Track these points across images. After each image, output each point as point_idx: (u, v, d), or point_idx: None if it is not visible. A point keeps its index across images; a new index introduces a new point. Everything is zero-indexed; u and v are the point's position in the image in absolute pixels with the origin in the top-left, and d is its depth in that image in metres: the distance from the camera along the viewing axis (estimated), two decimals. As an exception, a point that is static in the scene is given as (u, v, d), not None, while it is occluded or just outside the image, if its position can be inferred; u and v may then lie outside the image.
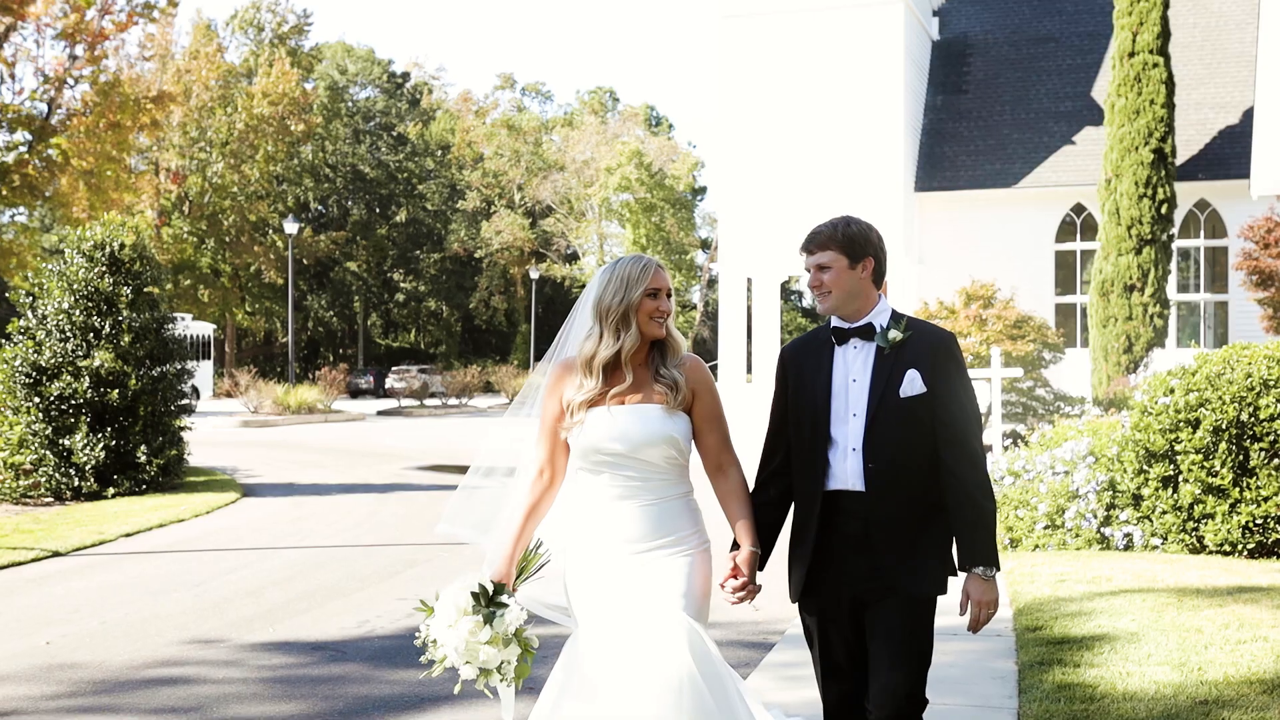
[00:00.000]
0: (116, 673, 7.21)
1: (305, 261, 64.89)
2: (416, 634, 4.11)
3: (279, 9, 68.02)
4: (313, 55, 69.60)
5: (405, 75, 78.39)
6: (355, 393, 56.63)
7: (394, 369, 58.12)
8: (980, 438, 4.09)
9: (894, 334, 4.05)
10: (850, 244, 4.09)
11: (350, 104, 73.89)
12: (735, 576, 4.06)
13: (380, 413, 43.16)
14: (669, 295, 4.15)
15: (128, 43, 64.80)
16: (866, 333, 4.10)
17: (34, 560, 11.46)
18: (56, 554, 11.80)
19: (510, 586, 4.18)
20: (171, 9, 46.18)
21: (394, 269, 73.65)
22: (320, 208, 71.97)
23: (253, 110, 60.27)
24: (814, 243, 4.14)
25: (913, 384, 4.00)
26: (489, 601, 4.09)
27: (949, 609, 4.32)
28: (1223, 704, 5.70)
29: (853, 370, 4.08)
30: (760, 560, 4.14)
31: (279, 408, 36.90)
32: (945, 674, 6.61)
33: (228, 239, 61.39)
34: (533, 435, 4.31)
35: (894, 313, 4.14)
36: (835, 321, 4.16)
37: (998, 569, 4.04)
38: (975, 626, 4.06)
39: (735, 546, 4.15)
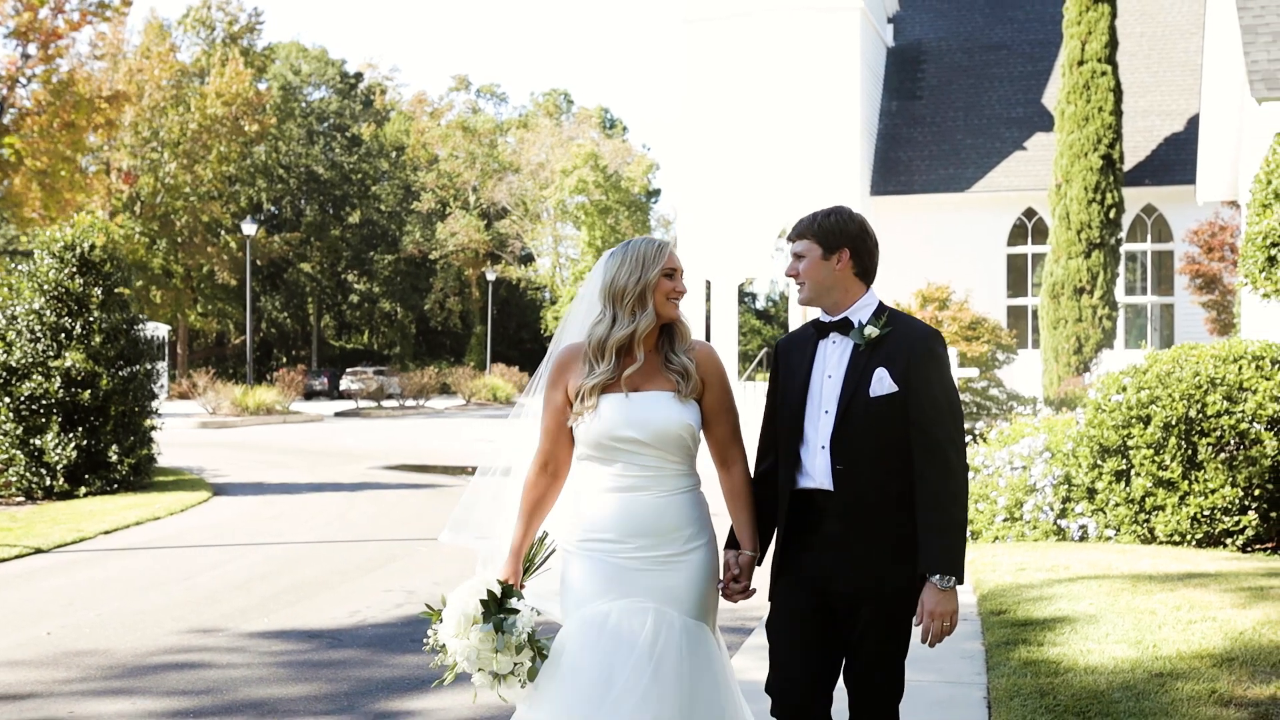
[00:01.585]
0: (124, 659, 7.48)
1: (259, 262, 64.68)
2: (425, 638, 4.05)
3: (229, 8, 67.74)
4: (265, 55, 69.38)
5: (359, 76, 78.31)
6: (309, 394, 56.52)
7: (349, 370, 58.07)
8: (958, 441, 3.90)
9: (870, 330, 3.94)
10: (824, 235, 3.99)
11: (304, 104, 73.72)
12: (736, 580, 4.05)
13: (338, 414, 43.22)
14: (681, 275, 4.08)
15: (79, 41, 64.48)
16: (844, 327, 3.99)
17: (17, 557, 11.63)
18: (39, 551, 11.97)
19: (518, 584, 4.09)
20: (125, 8, 45.97)
21: (348, 270, 73.57)
22: (274, 208, 71.76)
23: (206, 110, 60.01)
24: (794, 231, 4.08)
25: (881, 383, 3.87)
26: (499, 608, 3.96)
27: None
28: (1176, 676, 6.14)
29: (829, 366, 3.98)
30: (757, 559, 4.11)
31: (237, 409, 36.89)
32: (917, 653, 6.94)
33: (180, 240, 61.08)
34: (534, 431, 4.18)
35: (880, 307, 4.02)
36: (820, 314, 4.08)
37: (958, 579, 3.83)
38: (927, 638, 3.83)
39: (733, 545, 4.11)
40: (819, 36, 29.22)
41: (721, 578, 4.08)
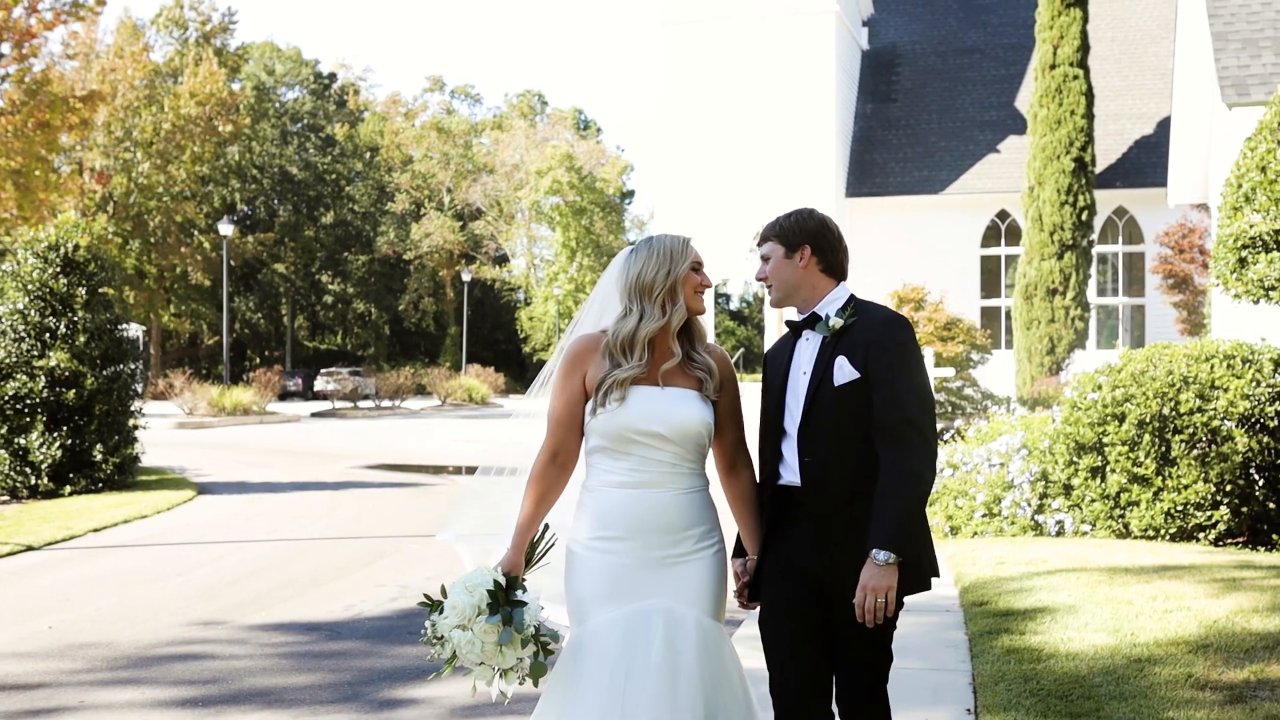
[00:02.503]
0: (127, 651, 7.63)
1: (233, 263, 64.45)
2: (423, 630, 3.94)
3: (202, 7, 67.51)
4: (239, 55, 69.17)
5: (333, 76, 78.22)
6: (284, 395, 56.37)
7: (324, 371, 58.04)
8: (919, 422, 3.83)
9: (834, 321, 3.96)
10: (785, 234, 4.03)
11: (277, 105, 73.56)
12: (749, 586, 4.09)
13: (315, 414, 43.25)
14: (704, 269, 4.10)
15: (50, 40, 63.97)
16: (814, 323, 4.02)
17: (9, 555, 11.72)
18: (30, 548, 12.07)
19: (520, 576, 3.99)
20: (99, 7, 45.76)
21: (322, 271, 73.46)
22: (247, 209, 71.59)
23: (179, 110, 59.80)
24: (760, 236, 4.14)
25: (842, 371, 3.88)
26: (506, 600, 3.85)
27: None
28: (1154, 661, 6.39)
29: (802, 362, 4.01)
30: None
31: (214, 409, 36.87)
32: (903, 643, 7.21)
33: (153, 240, 60.86)
34: (536, 430, 4.14)
35: (849, 299, 4.03)
36: (794, 315, 4.11)
37: (898, 555, 3.73)
38: (861, 613, 3.74)
39: (740, 552, 4.15)
40: (794, 40, 29.51)
41: (734, 585, 4.10)
